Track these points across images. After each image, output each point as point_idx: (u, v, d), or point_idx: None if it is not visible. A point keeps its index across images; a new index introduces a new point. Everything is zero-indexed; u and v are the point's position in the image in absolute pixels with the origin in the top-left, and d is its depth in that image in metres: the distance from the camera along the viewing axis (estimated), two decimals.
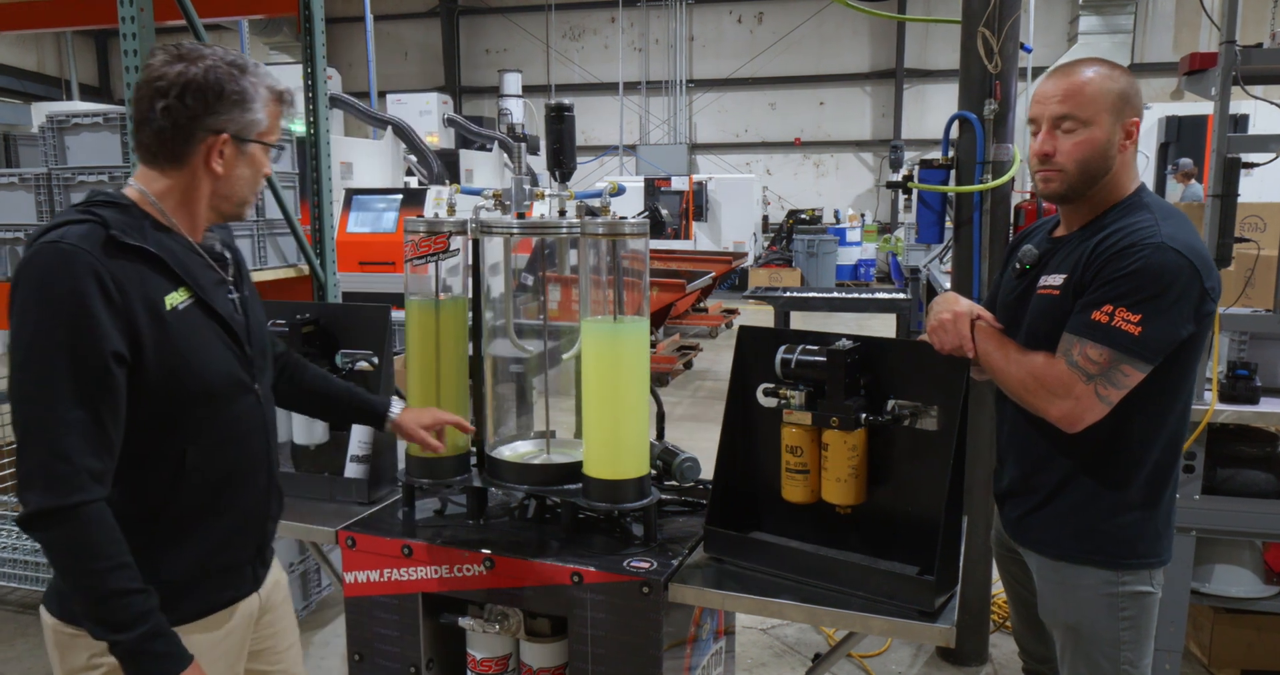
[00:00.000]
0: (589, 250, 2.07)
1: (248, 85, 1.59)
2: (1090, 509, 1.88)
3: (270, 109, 1.64)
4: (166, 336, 1.52)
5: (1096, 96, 1.81)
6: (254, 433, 1.71)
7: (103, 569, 1.43)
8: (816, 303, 7.58)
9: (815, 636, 3.67)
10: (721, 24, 19.63)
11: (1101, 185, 1.86)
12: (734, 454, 2.13)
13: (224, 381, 1.62)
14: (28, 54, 19.33)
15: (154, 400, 1.52)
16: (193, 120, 1.55)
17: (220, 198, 1.65)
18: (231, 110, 1.58)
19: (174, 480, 1.58)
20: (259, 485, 1.74)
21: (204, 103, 1.55)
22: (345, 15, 19.19)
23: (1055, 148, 1.84)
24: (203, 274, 1.64)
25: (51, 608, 1.60)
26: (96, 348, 1.43)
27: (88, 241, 1.46)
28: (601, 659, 2.03)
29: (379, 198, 8.91)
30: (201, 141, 1.57)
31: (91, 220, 1.49)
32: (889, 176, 17.55)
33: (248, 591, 1.76)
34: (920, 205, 2.98)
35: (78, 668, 1.58)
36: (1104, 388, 1.74)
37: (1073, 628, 1.92)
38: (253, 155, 1.64)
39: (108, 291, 1.45)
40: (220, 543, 1.67)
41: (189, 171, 1.60)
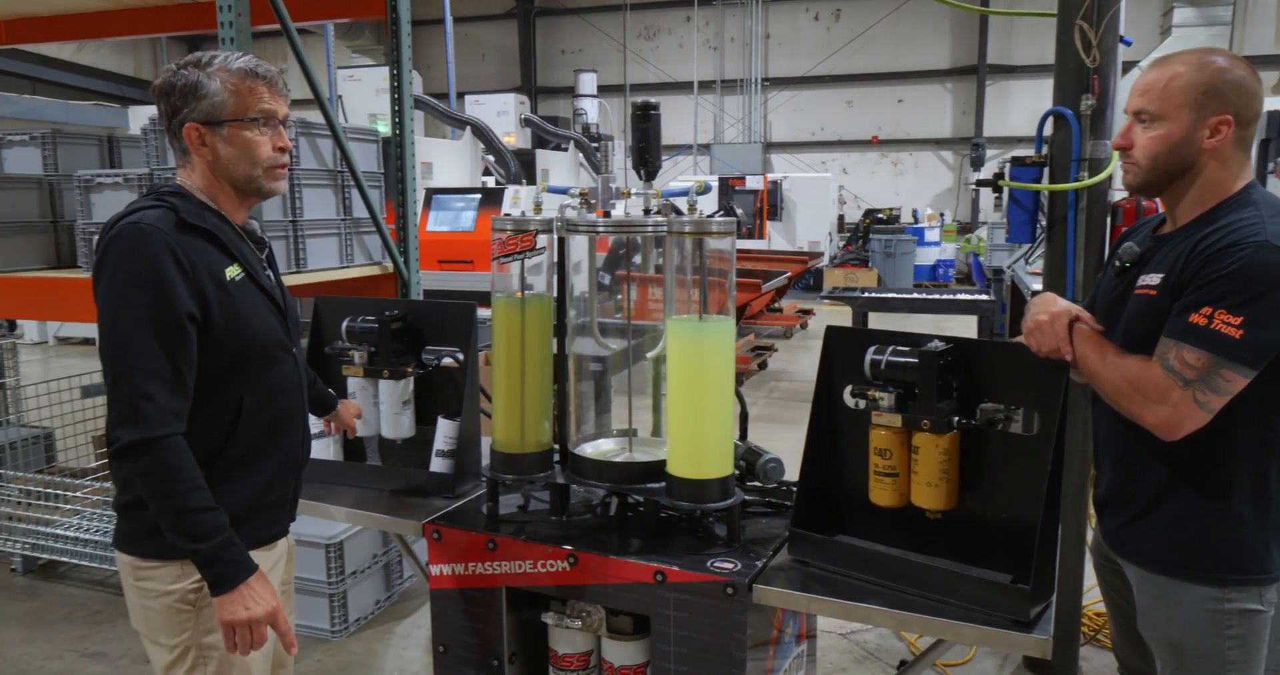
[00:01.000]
0: (674, 249, 2.06)
1: (199, 76, 1.79)
2: (1192, 521, 1.80)
3: (235, 88, 1.80)
4: (230, 301, 1.80)
5: (1175, 92, 1.75)
6: (294, 388, 1.98)
7: (184, 490, 1.68)
8: (896, 303, 7.44)
9: (896, 643, 3.61)
10: (798, 21, 19.45)
11: (1196, 182, 1.79)
12: (819, 455, 2.10)
13: (272, 341, 1.90)
14: (125, 60, 20.16)
15: (220, 354, 1.79)
16: (170, 120, 1.82)
17: (227, 178, 1.86)
18: (189, 101, 1.79)
19: (233, 423, 1.84)
20: (297, 433, 2.01)
21: (169, 103, 1.81)
22: (425, 18, 19.55)
23: (1132, 141, 1.82)
24: (249, 254, 1.91)
25: (125, 547, 1.86)
26: (173, 308, 1.70)
27: (163, 222, 1.73)
28: (683, 659, 2.02)
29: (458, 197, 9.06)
30: (184, 135, 1.81)
31: (164, 206, 1.76)
32: (970, 175, 17.17)
33: (285, 530, 2.04)
34: (1011, 204, 2.90)
35: (154, 593, 1.83)
36: (1203, 394, 1.67)
37: (1175, 645, 1.84)
38: (231, 134, 1.81)
39: (180, 263, 1.71)
40: (268, 482, 1.92)
41: (195, 163, 1.85)
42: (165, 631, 1.85)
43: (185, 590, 1.80)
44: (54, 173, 4.17)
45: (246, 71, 1.81)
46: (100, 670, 3.46)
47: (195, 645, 1.84)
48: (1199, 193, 1.80)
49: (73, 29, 4.86)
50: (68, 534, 4.11)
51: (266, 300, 1.90)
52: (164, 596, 1.82)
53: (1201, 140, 1.76)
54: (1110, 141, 2.74)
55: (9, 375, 5.11)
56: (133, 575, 1.85)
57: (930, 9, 18.12)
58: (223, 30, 3.31)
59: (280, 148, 1.87)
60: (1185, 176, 1.80)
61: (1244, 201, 1.76)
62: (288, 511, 2.04)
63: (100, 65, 19.12)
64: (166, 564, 1.80)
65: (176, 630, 1.84)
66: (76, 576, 4.24)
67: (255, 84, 1.81)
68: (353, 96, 11.18)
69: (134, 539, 1.83)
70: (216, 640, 1.81)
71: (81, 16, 4.75)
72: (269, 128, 1.84)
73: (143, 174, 3.67)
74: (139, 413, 1.66)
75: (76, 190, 3.76)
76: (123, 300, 1.69)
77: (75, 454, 4.71)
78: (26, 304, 3.96)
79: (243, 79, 1.80)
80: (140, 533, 1.81)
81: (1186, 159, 1.77)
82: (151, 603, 1.84)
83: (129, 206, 1.79)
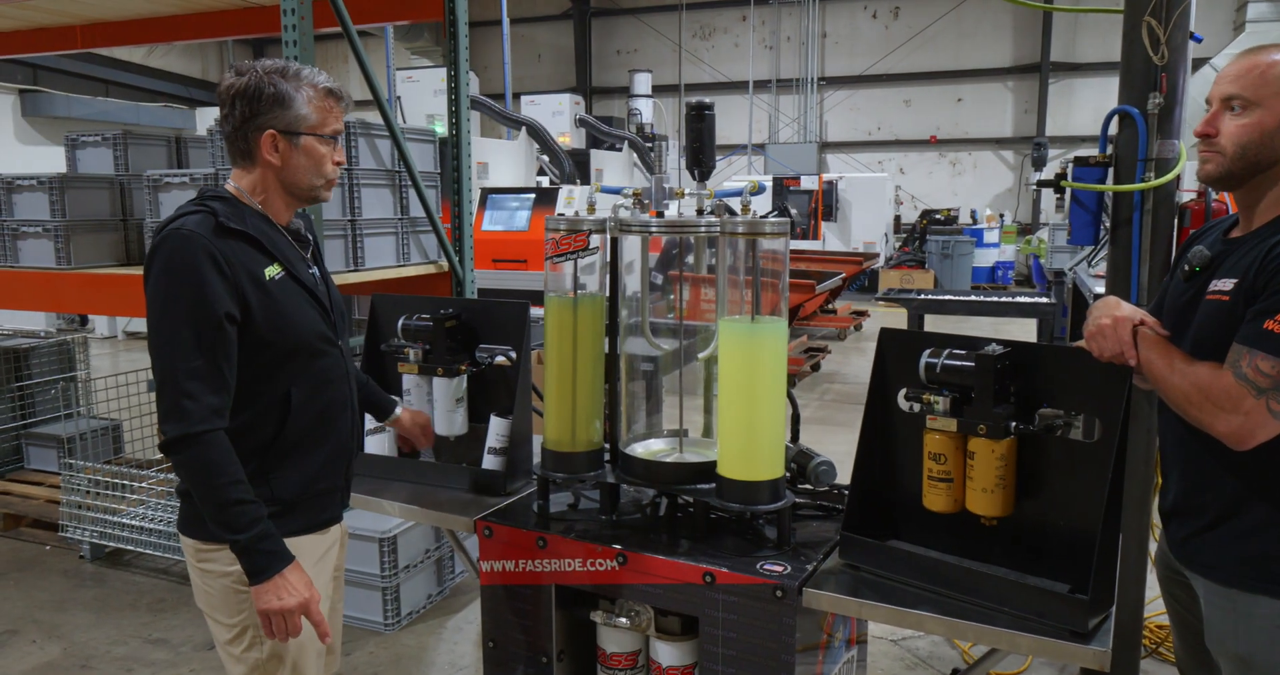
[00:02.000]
0: (727, 249, 2.05)
1: (287, 88, 1.88)
2: (1264, 533, 1.74)
3: (318, 104, 1.91)
4: (269, 300, 1.87)
5: (1272, 79, 1.69)
6: (341, 379, 2.06)
7: (223, 483, 1.78)
8: (953, 306, 7.32)
9: (949, 651, 3.55)
10: (855, 20, 19.25)
11: (1278, 179, 1.73)
12: (872, 459, 2.07)
13: (314, 336, 1.97)
14: (193, 62, 20.69)
15: (264, 351, 1.88)
16: (245, 122, 1.88)
17: (288, 185, 1.95)
18: (274, 109, 1.87)
19: (283, 415, 1.93)
20: (346, 422, 2.08)
21: (251, 107, 1.87)
22: (482, 19, 19.76)
23: (1219, 128, 1.75)
24: (290, 252, 1.98)
25: (187, 531, 1.96)
26: (212, 310, 1.78)
27: (202, 227, 1.81)
28: (732, 661, 2.01)
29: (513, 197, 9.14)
30: (257, 139, 1.88)
31: (204, 211, 1.85)
32: (1031, 175, 16.82)
33: (339, 516, 2.13)
34: (1074, 205, 2.82)
35: (214, 574, 1.94)
36: (1277, 403, 1.61)
37: (1244, 660, 1.78)
38: (306, 146, 1.91)
39: (219, 266, 1.80)
40: (319, 469, 2.01)
41: (259, 166, 1.92)
42: (224, 610, 1.96)
43: (241, 572, 1.88)
44: (124, 172, 4.31)
45: (329, 91, 1.93)
46: (162, 656, 3.56)
47: (252, 624, 1.93)
48: (1278, 191, 1.74)
49: (143, 33, 5.01)
50: (134, 523, 4.24)
51: (308, 296, 1.98)
52: (223, 577, 1.92)
53: None
54: (1178, 141, 2.66)
55: (80, 368, 5.28)
56: (195, 557, 1.96)
57: (992, 5, 17.80)
58: (286, 33, 3.38)
59: (339, 163, 2.00)
60: (1269, 172, 1.73)
61: None
62: (340, 498, 2.12)
63: (170, 68, 19.66)
64: (224, 547, 1.87)
65: (235, 609, 1.94)
66: (141, 564, 4.37)
67: (333, 104, 1.94)
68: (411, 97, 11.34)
69: (195, 523, 1.92)
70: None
71: (151, 21, 4.90)
72: (335, 144, 1.97)
73: (208, 174, 3.76)
74: (181, 409, 1.75)
75: (145, 189, 3.87)
76: (166, 303, 1.79)
77: (142, 445, 4.86)
78: (98, 299, 4.10)
79: (325, 97, 1.92)
80: (200, 517, 1.88)
81: (1276, 152, 1.71)
82: (212, 583, 1.94)
83: (175, 211, 1.89)
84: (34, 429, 5.22)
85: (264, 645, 1.95)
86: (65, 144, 4.47)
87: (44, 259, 4.06)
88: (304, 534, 2.00)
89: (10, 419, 5.18)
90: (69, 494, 4.40)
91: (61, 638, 3.70)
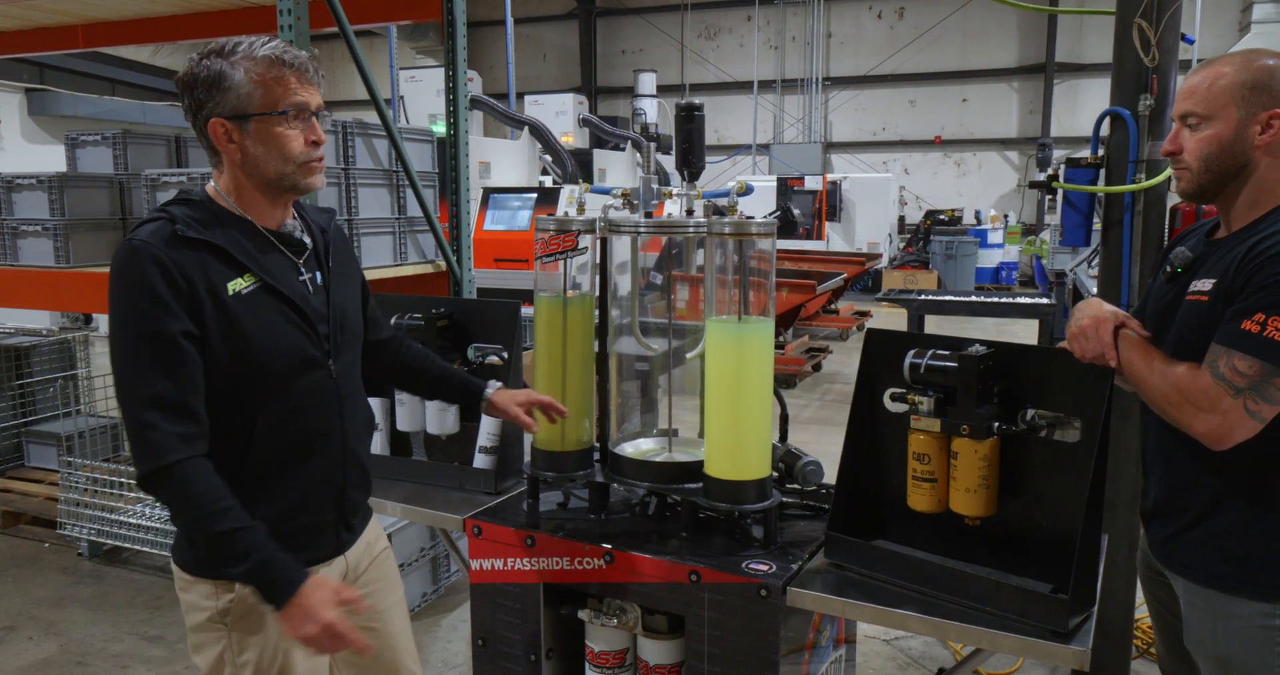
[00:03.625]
0: (715, 250, 2.06)
1: (223, 66, 1.63)
2: (1243, 534, 1.74)
3: (262, 78, 1.64)
4: (228, 318, 1.65)
5: (1220, 91, 1.72)
6: (325, 405, 1.80)
7: (207, 515, 1.59)
8: (953, 306, 7.31)
9: (941, 651, 3.56)
10: (861, 20, 19.24)
11: (1253, 183, 1.74)
12: (858, 459, 2.08)
13: (287, 359, 1.72)
14: None
15: (222, 375, 1.65)
16: (195, 115, 1.67)
17: (256, 177, 1.71)
18: (213, 94, 1.64)
19: (246, 445, 1.70)
20: (331, 454, 1.83)
21: (192, 97, 1.66)
22: (487, 19, 19.79)
23: (1181, 145, 1.78)
24: (270, 259, 1.74)
25: (175, 557, 1.80)
26: (165, 328, 1.58)
27: (155, 236, 1.61)
28: (718, 659, 2.02)
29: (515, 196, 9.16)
30: (209, 132, 1.67)
31: (162, 218, 1.65)
32: (1036, 176, 16.80)
33: (329, 555, 1.87)
34: (1066, 206, 2.83)
35: (195, 606, 1.77)
36: (1254, 403, 1.62)
37: (1222, 661, 1.79)
38: (260, 129, 1.66)
39: (172, 279, 1.59)
40: (294, 505, 1.77)
41: (225, 161, 1.71)
42: (205, 642, 1.79)
43: (217, 609, 1.74)
44: (124, 171, 4.33)
45: (273, 59, 1.64)
46: (159, 653, 3.58)
47: (231, 662, 1.77)
48: (1254, 194, 1.75)
49: (144, 33, 5.04)
50: (132, 521, 4.26)
51: (287, 311, 1.73)
52: (199, 611, 1.76)
53: (1253, 137, 1.71)
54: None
55: (80, 366, 5.30)
56: (178, 584, 1.81)
57: (997, 6, 17.76)
58: (282, 33, 3.40)
59: (314, 141, 1.71)
60: (1239, 177, 1.75)
61: None
62: (332, 538, 1.87)
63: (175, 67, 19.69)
64: (200, 581, 1.75)
65: (213, 642, 1.77)
66: (139, 562, 4.40)
67: (283, 73, 1.65)
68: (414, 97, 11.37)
69: (178, 550, 1.80)
70: (251, 659, 1.75)
71: (152, 20, 4.93)
72: (300, 121, 1.69)
73: (206, 173, 3.78)
74: (146, 442, 1.58)
75: (144, 189, 3.90)
76: (118, 323, 1.61)
77: None
78: (99, 298, 4.12)
79: (269, 68, 1.64)
80: (180, 545, 1.78)
81: (1239, 158, 1.73)
82: (191, 614, 1.79)
83: (140, 219, 1.72)
84: (34, 427, 5.25)
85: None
86: (65, 143, 4.49)
87: (43, 258, 4.09)
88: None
89: (10, 417, 5.21)
90: (67, 492, 4.42)
91: (58, 634, 3.73)
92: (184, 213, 1.67)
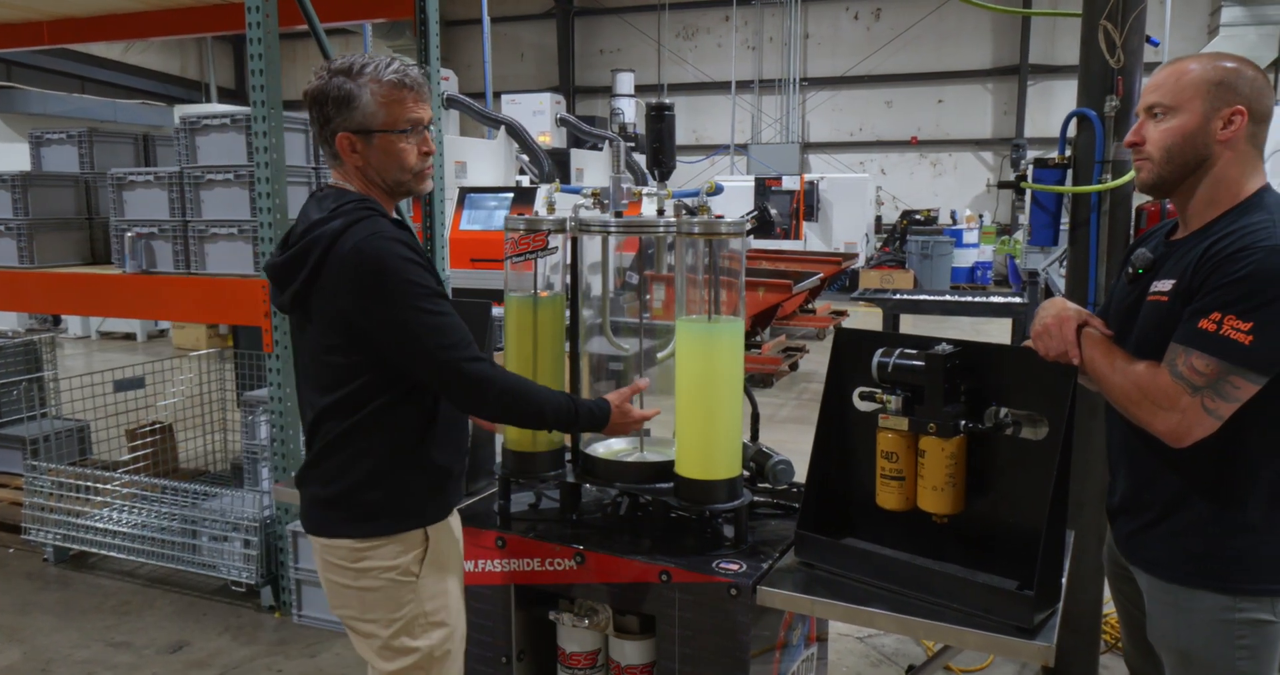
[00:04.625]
0: (685, 249, 2.06)
1: (351, 87, 1.83)
2: (1204, 529, 1.76)
3: (385, 99, 1.84)
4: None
5: (1187, 85, 1.73)
6: None
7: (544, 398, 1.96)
8: (927, 306, 7.35)
9: (914, 648, 3.57)
10: (838, 21, 19.32)
11: (1210, 180, 1.76)
12: (828, 458, 2.09)
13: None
14: (172, 59, 20.55)
15: None
16: (323, 127, 1.87)
17: (378, 182, 1.92)
18: (343, 111, 1.84)
19: (435, 400, 1.94)
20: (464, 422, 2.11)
21: (322, 111, 1.86)
22: (465, 18, 19.71)
23: (1144, 136, 1.79)
24: None
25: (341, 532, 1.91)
26: (439, 289, 1.85)
27: (388, 229, 1.82)
28: (689, 659, 2.02)
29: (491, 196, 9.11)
30: (336, 143, 1.87)
31: (373, 214, 1.84)
32: (1010, 176, 16.94)
33: (456, 505, 2.10)
34: (1034, 206, 2.86)
35: (374, 571, 1.91)
36: (1212, 401, 1.64)
37: (1184, 654, 1.81)
38: (382, 144, 1.87)
39: (421, 254, 1.86)
40: (456, 456, 2.03)
41: (346, 167, 1.90)
42: (385, 607, 1.93)
43: (408, 563, 1.91)
44: (90, 170, 4.27)
45: (395, 83, 1.84)
46: (126, 659, 3.53)
47: (420, 613, 1.94)
48: (1211, 191, 1.76)
49: (113, 29, 4.97)
50: (99, 525, 4.20)
51: None
52: (387, 572, 1.91)
53: (1215, 131, 1.73)
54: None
55: (47, 368, 5.23)
56: (350, 558, 1.91)
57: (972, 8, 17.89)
58: (251, 30, 3.36)
59: (425, 152, 1.92)
60: (1198, 172, 1.76)
61: (1255, 206, 1.72)
62: (459, 489, 2.12)
63: (148, 65, 19.51)
64: (388, 541, 1.89)
65: (398, 604, 1.92)
66: (106, 567, 4.34)
67: (403, 94, 1.85)
68: None
69: (351, 523, 1.90)
70: (438, 606, 1.96)
71: (121, 17, 4.86)
72: (415, 134, 1.89)
73: (173, 172, 3.74)
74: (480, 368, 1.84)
75: (111, 188, 3.85)
76: (405, 296, 1.78)
77: (109, 447, 4.81)
78: (63, 299, 4.07)
79: (392, 90, 1.84)
80: (357, 516, 1.90)
81: (1200, 151, 1.74)
82: (371, 582, 1.91)
83: (345, 219, 1.80)
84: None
85: (432, 632, 1.95)
86: (30, 141, 4.43)
87: (7, 258, 4.03)
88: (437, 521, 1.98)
89: None
90: (33, 496, 4.36)
91: (22, 641, 3.67)
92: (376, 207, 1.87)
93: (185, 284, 3.73)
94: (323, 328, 1.85)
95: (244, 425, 4.41)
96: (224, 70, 21.91)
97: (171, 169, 3.74)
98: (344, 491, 1.90)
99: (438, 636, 1.97)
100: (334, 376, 1.87)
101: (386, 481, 1.90)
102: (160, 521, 4.07)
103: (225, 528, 3.90)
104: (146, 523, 4.11)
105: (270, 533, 3.83)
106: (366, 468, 1.89)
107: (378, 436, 1.88)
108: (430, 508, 1.97)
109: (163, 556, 4.02)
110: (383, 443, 1.89)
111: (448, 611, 1.99)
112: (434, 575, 1.96)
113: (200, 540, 3.97)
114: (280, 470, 3.70)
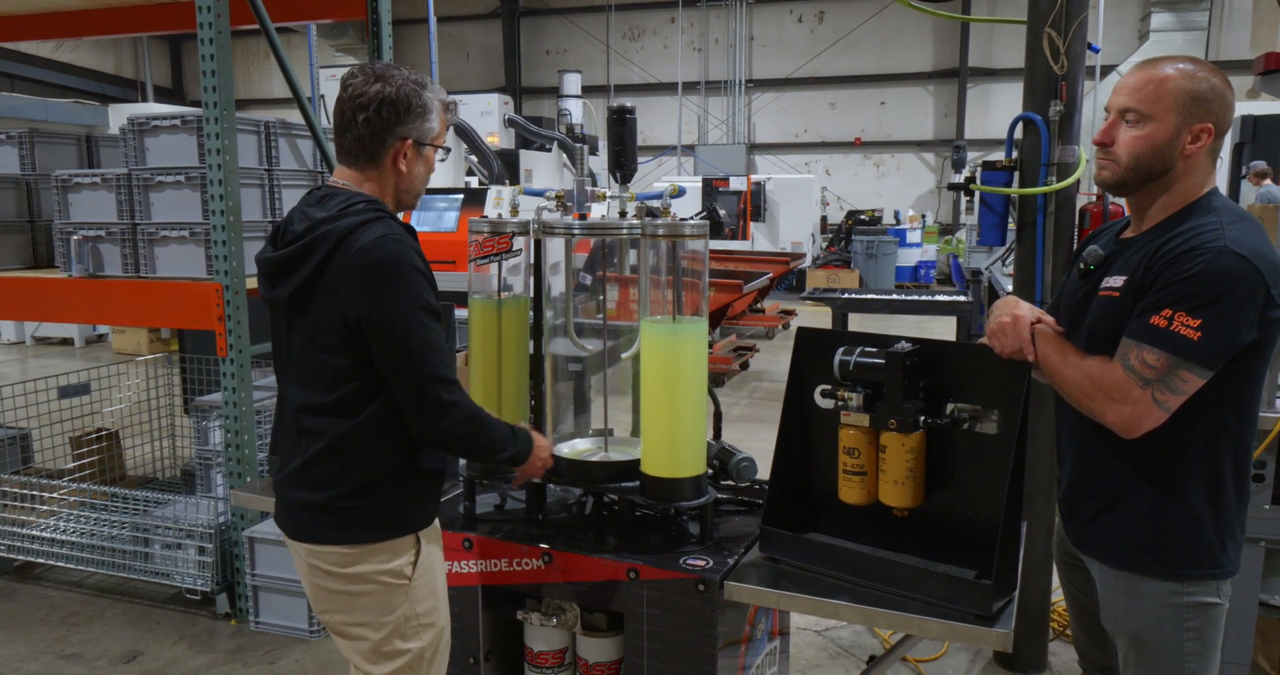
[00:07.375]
0: (649, 251, 2.09)
1: (428, 98, 1.93)
2: (1152, 517, 1.85)
3: (441, 117, 1.98)
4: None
5: (1165, 95, 1.79)
6: None
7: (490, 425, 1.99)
8: (875, 304, 7.49)
9: (870, 639, 3.65)
10: (782, 23, 19.52)
11: (1168, 186, 1.83)
12: (791, 454, 2.13)
13: None
14: (106, 57, 20.01)
15: None
16: (386, 129, 1.90)
17: (402, 192, 1.99)
18: (415, 120, 1.92)
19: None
20: None
21: (395, 114, 1.89)
22: (409, 17, 19.51)
23: (1114, 137, 1.85)
24: None
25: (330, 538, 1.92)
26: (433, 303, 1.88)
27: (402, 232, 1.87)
28: (656, 655, 2.05)
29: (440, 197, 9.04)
30: (392, 146, 1.91)
31: (384, 215, 1.88)
32: (951, 177, 17.28)
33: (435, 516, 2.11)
34: (982, 207, 2.95)
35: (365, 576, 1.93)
36: (1161, 393, 1.72)
37: (1136, 637, 1.89)
38: (427, 156, 1.99)
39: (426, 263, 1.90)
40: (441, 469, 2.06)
41: (381, 170, 1.94)
42: (376, 611, 1.95)
43: (400, 567, 1.93)
44: (31, 172, 4.17)
45: (446, 104, 1.99)
46: (77, 671, 3.46)
47: (412, 614, 1.96)
48: (1168, 197, 1.84)
49: (50, 28, 4.85)
50: (45, 535, 4.10)
51: None
52: (380, 576, 1.93)
53: (1183, 145, 1.80)
54: (1078, 147, 2.79)
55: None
56: (339, 564, 1.92)
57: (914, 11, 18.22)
58: (202, 31, 3.32)
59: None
60: (1160, 180, 1.83)
61: (1206, 207, 1.81)
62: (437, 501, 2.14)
63: (80, 63, 18.97)
64: (378, 546, 1.91)
65: (390, 608, 1.95)
66: (53, 578, 4.23)
67: (447, 116, 2.00)
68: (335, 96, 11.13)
69: (343, 529, 1.91)
70: (430, 608, 2.00)
71: (59, 15, 4.74)
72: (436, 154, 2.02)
73: (120, 174, 3.67)
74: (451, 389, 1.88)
75: (54, 190, 3.76)
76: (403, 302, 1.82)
77: (52, 454, 4.69)
78: (5, 304, 3.95)
79: (444, 111, 1.98)
80: (350, 523, 1.90)
81: (1166, 162, 1.81)
82: (363, 586, 1.93)
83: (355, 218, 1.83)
84: None
85: (423, 634, 1.99)
86: None
87: None
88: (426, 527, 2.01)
89: None
90: None
91: None
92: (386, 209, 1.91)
93: (134, 287, 3.66)
94: (321, 326, 1.85)
95: (195, 431, 4.33)
96: (160, 69, 21.40)
97: (119, 170, 3.66)
98: (336, 498, 1.91)
99: (429, 637, 2.00)
100: (329, 377, 1.87)
101: (380, 489, 1.91)
102: (110, 530, 3.99)
103: (179, 535, 3.84)
104: (95, 531, 4.02)
105: (226, 539, 3.78)
106: (360, 476, 1.90)
107: (372, 445, 1.89)
108: (421, 512, 2.00)
109: (113, 565, 3.94)
110: (377, 451, 1.90)
111: (438, 613, 2.03)
112: (425, 577, 1.99)
113: (152, 548, 3.89)
114: (236, 476, 3.64)
